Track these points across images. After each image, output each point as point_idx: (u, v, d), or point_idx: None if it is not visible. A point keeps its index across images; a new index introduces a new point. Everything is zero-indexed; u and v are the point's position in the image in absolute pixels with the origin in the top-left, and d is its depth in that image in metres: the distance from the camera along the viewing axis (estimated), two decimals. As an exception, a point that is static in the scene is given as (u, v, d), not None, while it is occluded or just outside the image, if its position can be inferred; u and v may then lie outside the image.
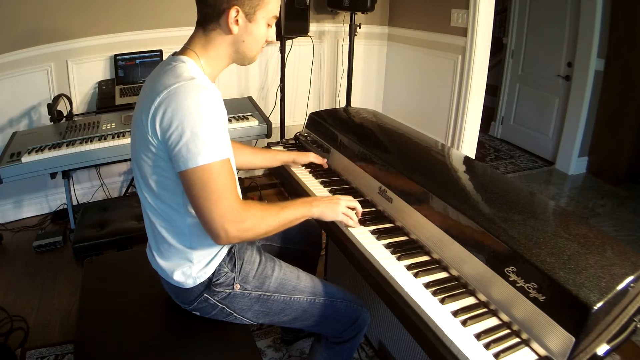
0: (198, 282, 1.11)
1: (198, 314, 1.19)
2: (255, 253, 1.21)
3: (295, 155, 1.60)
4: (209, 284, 1.12)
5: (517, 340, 0.87)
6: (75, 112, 2.62)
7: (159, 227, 1.09)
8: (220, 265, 1.13)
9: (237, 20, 1.01)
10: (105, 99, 2.59)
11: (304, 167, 1.61)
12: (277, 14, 1.08)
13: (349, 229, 1.21)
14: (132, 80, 2.66)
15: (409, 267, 1.06)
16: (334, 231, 1.26)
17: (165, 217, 1.07)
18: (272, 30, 1.10)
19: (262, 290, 1.17)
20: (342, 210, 1.20)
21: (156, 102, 0.94)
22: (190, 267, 1.10)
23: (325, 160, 1.61)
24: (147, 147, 0.99)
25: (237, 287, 1.14)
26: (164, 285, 1.20)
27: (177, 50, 1.10)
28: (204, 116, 0.93)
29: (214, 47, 1.06)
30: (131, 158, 1.10)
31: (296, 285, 1.21)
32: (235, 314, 1.17)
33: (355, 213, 1.23)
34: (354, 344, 1.31)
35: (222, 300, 1.14)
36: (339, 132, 1.60)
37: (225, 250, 1.15)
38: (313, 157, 1.60)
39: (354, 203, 1.24)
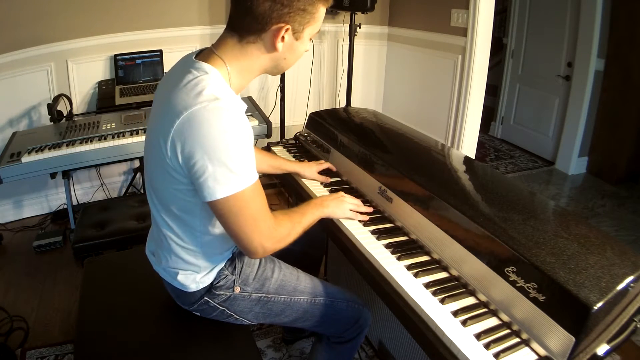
0: (201, 286, 1.11)
1: (199, 314, 1.19)
2: None
3: (300, 168, 1.53)
4: (209, 288, 1.12)
5: (517, 340, 0.87)
6: (75, 112, 2.62)
7: (170, 240, 1.06)
8: (221, 268, 1.13)
9: (283, 38, 0.93)
10: (105, 99, 2.59)
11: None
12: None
13: (349, 228, 1.22)
14: (132, 80, 2.66)
15: (409, 267, 1.07)
16: (333, 231, 1.26)
17: (178, 235, 1.05)
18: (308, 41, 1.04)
19: (262, 292, 1.17)
20: (349, 207, 1.26)
21: (175, 126, 0.87)
22: (195, 275, 1.10)
23: (331, 165, 1.56)
24: (165, 170, 0.93)
25: (237, 289, 1.14)
26: (165, 285, 1.20)
27: (192, 50, 1.04)
28: (230, 144, 0.86)
29: (248, 59, 0.96)
30: (145, 174, 1.06)
31: (296, 286, 1.21)
32: (235, 315, 1.17)
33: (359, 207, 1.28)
34: (355, 344, 1.32)
35: (222, 303, 1.14)
36: (339, 132, 1.60)
37: (228, 256, 1.15)
38: (316, 174, 1.52)
39: (355, 205, 1.28)
